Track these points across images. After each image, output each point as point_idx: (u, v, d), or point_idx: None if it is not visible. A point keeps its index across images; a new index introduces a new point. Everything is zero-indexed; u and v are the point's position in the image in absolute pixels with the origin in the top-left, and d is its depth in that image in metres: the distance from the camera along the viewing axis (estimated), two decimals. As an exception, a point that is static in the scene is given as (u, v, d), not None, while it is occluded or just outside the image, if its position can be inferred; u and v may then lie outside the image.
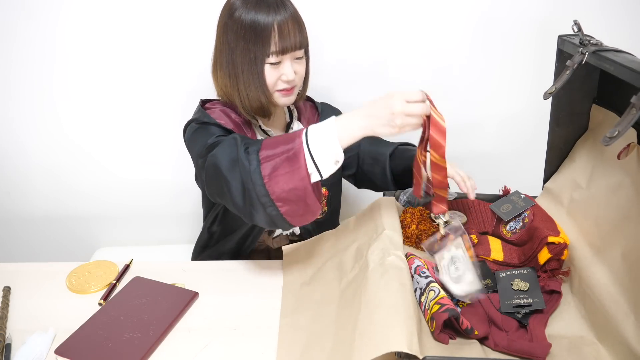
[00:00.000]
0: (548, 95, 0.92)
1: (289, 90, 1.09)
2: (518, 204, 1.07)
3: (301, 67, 1.09)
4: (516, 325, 0.85)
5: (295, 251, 1.11)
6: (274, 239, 1.25)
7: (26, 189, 1.57)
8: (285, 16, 1.02)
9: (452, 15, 1.36)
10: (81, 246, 1.66)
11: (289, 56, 1.06)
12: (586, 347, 0.81)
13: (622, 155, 0.89)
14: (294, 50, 1.05)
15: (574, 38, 0.92)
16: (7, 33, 1.33)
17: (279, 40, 1.02)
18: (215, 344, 0.90)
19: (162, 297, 1.00)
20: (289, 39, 1.03)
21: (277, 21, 1.01)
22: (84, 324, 0.93)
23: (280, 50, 1.03)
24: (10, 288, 1.03)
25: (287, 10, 1.03)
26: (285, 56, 1.05)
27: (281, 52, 1.04)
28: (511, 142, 1.55)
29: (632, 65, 0.75)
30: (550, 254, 0.94)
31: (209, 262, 1.17)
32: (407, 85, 1.45)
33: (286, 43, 1.03)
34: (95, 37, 1.35)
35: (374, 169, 1.24)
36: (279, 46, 1.03)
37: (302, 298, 0.98)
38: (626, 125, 0.70)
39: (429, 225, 1.05)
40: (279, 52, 1.03)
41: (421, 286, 0.88)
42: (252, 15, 1.01)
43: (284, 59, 1.06)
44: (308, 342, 0.86)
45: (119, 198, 1.59)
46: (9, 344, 0.89)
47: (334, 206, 1.28)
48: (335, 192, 1.26)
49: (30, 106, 1.44)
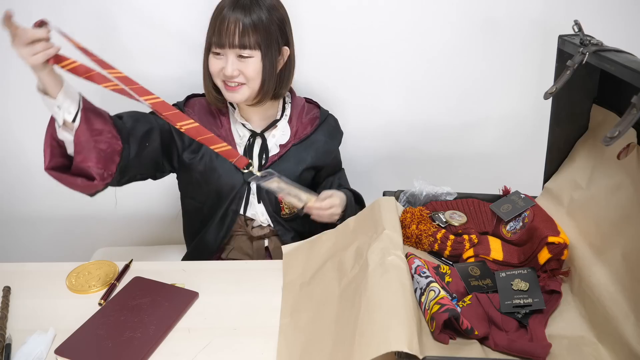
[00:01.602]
0: (548, 95, 0.92)
1: (233, 88, 1.11)
2: (518, 204, 1.07)
3: (247, 67, 1.09)
4: (516, 325, 0.85)
5: (295, 251, 1.11)
6: (253, 228, 1.26)
7: (26, 189, 1.57)
8: (233, 14, 1.05)
9: (452, 15, 1.36)
10: (81, 246, 1.66)
11: (232, 52, 1.07)
12: (586, 347, 0.81)
13: (622, 155, 0.89)
14: (232, 48, 1.07)
15: (575, 38, 0.92)
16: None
17: (218, 32, 1.06)
18: (215, 344, 0.90)
19: (162, 297, 1.00)
20: (229, 35, 1.05)
21: (223, 14, 1.05)
22: (84, 324, 0.93)
23: (217, 42, 1.08)
24: (10, 288, 1.03)
25: (244, 13, 1.05)
26: (226, 50, 1.08)
27: (218, 44, 1.08)
28: (511, 142, 1.55)
29: (632, 65, 0.75)
30: (550, 254, 0.94)
31: (209, 262, 1.18)
32: (407, 86, 1.45)
33: (223, 38, 1.06)
34: (95, 36, 1.34)
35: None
36: (216, 38, 1.07)
37: (302, 298, 0.98)
38: (626, 126, 0.70)
39: (429, 225, 1.05)
40: (216, 44, 1.08)
41: (421, 286, 0.89)
42: (221, 4, 1.07)
43: (226, 52, 1.08)
44: (308, 342, 0.86)
45: (119, 198, 1.59)
46: (9, 344, 0.89)
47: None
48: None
49: (30, 106, 1.44)
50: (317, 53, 1.37)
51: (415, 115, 1.50)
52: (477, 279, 0.95)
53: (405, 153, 1.56)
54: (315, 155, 1.24)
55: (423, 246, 1.05)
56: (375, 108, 1.48)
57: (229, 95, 1.13)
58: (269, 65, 1.10)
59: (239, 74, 1.09)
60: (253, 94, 1.13)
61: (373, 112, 1.49)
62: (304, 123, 1.25)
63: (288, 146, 1.22)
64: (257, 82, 1.11)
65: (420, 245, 1.05)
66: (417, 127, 1.52)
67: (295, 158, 1.22)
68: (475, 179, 1.55)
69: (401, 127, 1.51)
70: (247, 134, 1.22)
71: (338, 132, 1.32)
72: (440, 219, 1.07)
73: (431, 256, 1.05)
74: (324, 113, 1.29)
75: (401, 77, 1.44)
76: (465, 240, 1.03)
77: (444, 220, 1.07)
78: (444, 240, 1.03)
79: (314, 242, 1.11)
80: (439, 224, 1.06)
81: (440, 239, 1.03)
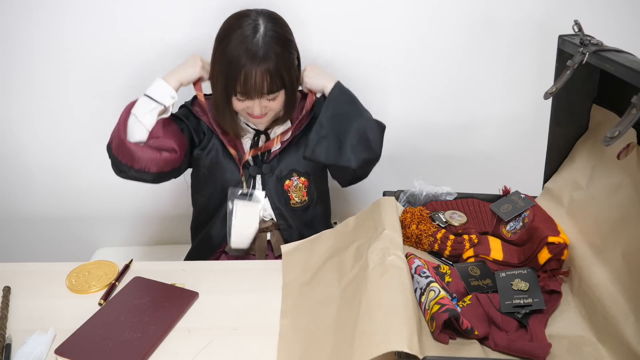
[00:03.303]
0: (548, 95, 0.92)
1: (259, 117, 1.14)
2: (518, 204, 1.07)
3: (274, 103, 1.12)
4: (516, 325, 0.85)
5: (295, 251, 1.11)
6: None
7: (26, 189, 1.57)
8: (258, 67, 1.05)
9: (452, 15, 1.36)
10: (81, 246, 1.66)
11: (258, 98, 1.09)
12: (586, 347, 0.81)
13: (622, 155, 0.89)
14: (259, 97, 1.09)
15: (575, 38, 0.92)
16: (7, 33, 1.33)
17: (243, 86, 1.07)
18: (215, 344, 0.90)
19: (162, 297, 1.00)
20: (253, 88, 1.07)
21: (246, 69, 1.05)
22: (84, 324, 0.93)
23: (242, 92, 1.09)
24: (10, 288, 1.03)
25: (265, 62, 1.05)
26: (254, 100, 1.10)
27: (244, 94, 1.09)
28: (511, 142, 1.55)
29: (632, 65, 0.75)
30: (550, 254, 0.94)
31: (209, 262, 1.18)
32: (407, 86, 1.45)
33: (249, 91, 1.07)
34: (95, 36, 1.35)
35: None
36: (242, 90, 1.08)
37: (302, 298, 0.98)
38: (626, 126, 0.70)
39: (429, 225, 1.05)
40: (242, 94, 1.09)
41: (421, 286, 0.89)
42: (232, 51, 1.06)
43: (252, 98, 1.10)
44: (308, 342, 0.86)
45: (119, 198, 1.59)
46: (9, 344, 0.89)
47: (316, 199, 1.28)
48: (317, 184, 1.27)
49: (31, 106, 1.44)
50: (318, 53, 1.37)
51: (416, 115, 1.50)
52: (477, 279, 0.95)
53: (405, 153, 1.55)
54: None
55: (423, 246, 1.05)
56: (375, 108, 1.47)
57: (254, 121, 1.18)
58: (292, 94, 1.15)
59: (267, 111, 1.13)
60: (277, 117, 1.19)
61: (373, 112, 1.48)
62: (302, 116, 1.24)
63: (289, 140, 1.23)
64: (281, 111, 1.17)
65: (420, 245, 1.05)
66: (417, 127, 1.52)
67: (296, 149, 1.23)
68: (475, 179, 1.55)
69: (401, 127, 1.51)
70: (251, 131, 1.24)
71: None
72: (440, 219, 1.07)
73: (431, 256, 1.05)
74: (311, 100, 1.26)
75: (401, 78, 1.44)
76: (465, 240, 1.03)
77: (444, 220, 1.07)
78: (444, 240, 1.03)
79: (313, 242, 1.11)
80: (439, 224, 1.06)
81: (440, 239, 1.03)
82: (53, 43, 1.35)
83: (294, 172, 1.23)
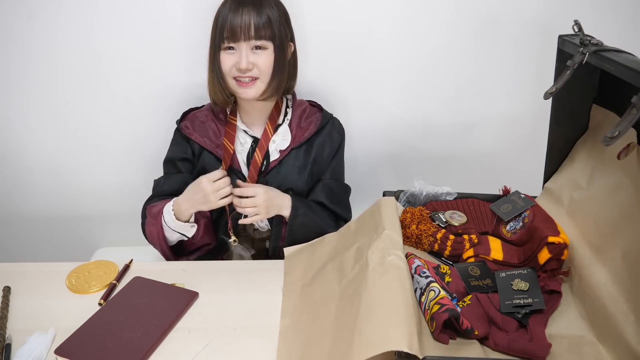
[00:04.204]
0: (548, 95, 0.92)
1: (247, 84, 1.11)
2: (518, 204, 1.07)
3: (262, 59, 1.09)
4: (516, 325, 0.85)
5: (297, 253, 1.11)
6: (255, 230, 1.27)
7: (26, 189, 1.57)
8: (244, 6, 1.05)
9: (452, 15, 1.36)
10: (81, 246, 1.66)
11: (245, 44, 1.07)
12: (586, 347, 0.81)
13: (622, 155, 0.89)
14: (247, 40, 1.07)
15: (575, 38, 0.92)
16: (7, 33, 1.33)
17: (231, 27, 1.06)
18: (215, 344, 0.90)
19: (162, 297, 1.00)
20: (244, 28, 1.05)
21: (233, 10, 1.05)
22: (84, 324, 0.93)
23: (230, 37, 1.07)
24: (10, 288, 1.03)
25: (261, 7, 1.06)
26: (239, 43, 1.07)
27: (231, 37, 1.07)
28: (511, 142, 1.55)
29: (632, 65, 0.75)
30: (550, 254, 0.94)
31: (209, 262, 1.18)
32: (407, 86, 1.45)
33: (237, 32, 1.06)
34: (95, 37, 1.34)
35: None
36: (229, 33, 1.06)
37: (302, 299, 0.98)
38: (626, 126, 0.70)
39: (429, 225, 1.05)
40: (229, 39, 1.07)
41: (421, 286, 0.89)
42: (224, 9, 1.07)
43: (239, 46, 1.08)
44: (308, 342, 0.86)
45: (119, 198, 1.59)
46: (9, 344, 0.89)
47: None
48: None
49: (30, 106, 1.44)
50: (318, 53, 1.37)
51: (416, 115, 1.50)
52: (477, 279, 0.95)
53: (405, 153, 1.55)
54: (314, 160, 1.23)
55: (423, 246, 1.05)
56: (375, 108, 1.48)
57: (243, 92, 1.13)
58: (281, 57, 1.12)
59: (253, 67, 1.10)
60: (266, 87, 1.14)
61: (373, 112, 1.49)
62: (302, 127, 1.23)
63: (287, 151, 1.21)
64: (269, 75, 1.12)
65: (420, 245, 1.05)
66: (417, 127, 1.52)
67: (294, 162, 1.21)
68: (475, 179, 1.55)
69: (401, 127, 1.51)
70: (249, 141, 1.22)
71: (338, 136, 1.27)
72: (440, 219, 1.07)
73: (431, 256, 1.05)
74: (326, 117, 1.26)
75: (402, 77, 1.44)
76: (465, 240, 1.03)
77: (444, 220, 1.07)
78: (444, 240, 1.03)
79: (315, 245, 1.11)
80: (439, 224, 1.06)
81: (440, 239, 1.03)
82: (53, 43, 1.35)
83: (290, 190, 1.21)
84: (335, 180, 1.27)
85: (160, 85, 1.42)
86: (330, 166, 1.26)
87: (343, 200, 1.28)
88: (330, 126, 1.26)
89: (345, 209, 1.27)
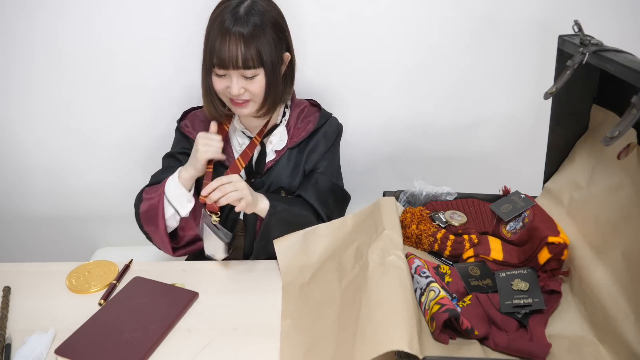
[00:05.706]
0: (548, 95, 0.92)
1: (241, 104, 1.10)
2: (518, 204, 1.07)
3: (253, 85, 1.07)
4: (516, 325, 0.85)
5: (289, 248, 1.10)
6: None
7: (26, 189, 1.57)
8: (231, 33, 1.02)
9: (452, 15, 1.36)
10: (81, 246, 1.66)
11: (235, 72, 1.05)
12: (586, 347, 0.81)
13: (622, 155, 0.89)
14: (236, 69, 1.04)
15: (575, 38, 0.92)
16: (7, 33, 1.33)
17: (219, 53, 1.03)
18: (215, 344, 0.90)
19: (162, 297, 1.00)
20: (227, 54, 1.03)
21: (222, 34, 1.02)
22: (84, 324, 0.93)
23: (219, 64, 1.05)
24: (10, 288, 1.03)
25: (240, 27, 1.02)
26: (230, 71, 1.05)
27: (220, 65, 1.05)
28: (511, 142, 1.55)
29: (632, 65, 0.75)
30: (550, 254, 0.94)
31: (209, 262, 1.17)
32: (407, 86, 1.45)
33: (223, 57, 1.03)
34: (95, 37, 1.34)
35: None
36: (218, 62, 1.05)
37: (302, 299, 0.98)
38: (626, 126, 0.70)
39: (429, 225, 1.05)
40: (219, 65, 1.05)
41: (421, 286, 0.89)
42: (214, 20, 1.05)
43: (229, 73, 1.06)
44: (311, 343, 0.86)
45: (119, 198, 1.59)
46: (9, 344, 0.89)
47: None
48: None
49: (30, 106, 1.44)
50: (318, 53, 1.37)
51: (416, 115, 1.50)
52: (477, 279, 0.95)
53: (405, 153, 1.55)
54: (310, 160, 1.22)
55: (423, 246, 1.05)
56: (375, 108, 1.48)
57: (238, 110, 1.13)
58: (273, 79, 1.09)
59: (244, 92, 1.09)
60: (260, 107, 1.13)
61: (373, 112, 1.49)
62: (299, 128, 1.23)
63: (283, 151, 1.21)
64: (262, 97, 1.11)
65: (420, 245, 1.05)
66: (417, 127, 1.52)
67: (289, 163, 1.21)
68: (475, 179, 1.55)
69: (401, 127, 1.51)
70: (246, 142, 1.22)
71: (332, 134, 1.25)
72: (440, 219, 1.07)
73: (431, 256, 1.05)
74: (324, 116, 1.25)
75: (401, 77, 1.44)
76: (465, 240, 1.03)
77: (444, 220, 1.07)
78: (444, 240, 1.03)
79: (307, 237, 1.10)
80: (439, 224, 1.06)
81: (440, 239, 1.03)
82: (53, 43, 1.35)
83: (282, 190, 1.21)
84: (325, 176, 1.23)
85: (160, 86, 1.42)
86: (323, 160, 1.24)
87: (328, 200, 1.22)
88: (327, 126, 1.25)
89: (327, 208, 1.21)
